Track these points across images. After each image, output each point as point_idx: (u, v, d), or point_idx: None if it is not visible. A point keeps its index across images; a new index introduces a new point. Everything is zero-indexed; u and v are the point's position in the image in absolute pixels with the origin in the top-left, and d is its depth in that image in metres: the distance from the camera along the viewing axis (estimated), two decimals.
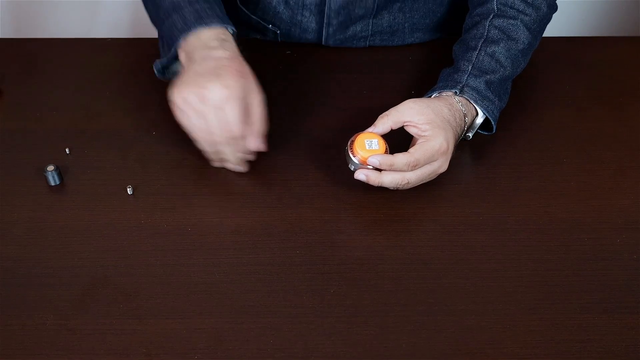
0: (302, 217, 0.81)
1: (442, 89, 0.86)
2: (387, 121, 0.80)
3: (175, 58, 0.86)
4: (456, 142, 0.83)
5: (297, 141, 0.90)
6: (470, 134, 0.88)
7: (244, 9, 1.07)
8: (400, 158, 0.78)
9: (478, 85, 0.85)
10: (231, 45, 0.82)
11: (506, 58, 0.88)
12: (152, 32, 0.94)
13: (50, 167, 0.83)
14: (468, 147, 0.89)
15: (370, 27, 1.03)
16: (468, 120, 0.85)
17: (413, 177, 0.79)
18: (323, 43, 1.04)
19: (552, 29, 0.99)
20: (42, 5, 1.66)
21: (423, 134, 0.79)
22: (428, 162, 0.79)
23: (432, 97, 0.86)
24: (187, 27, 0.83)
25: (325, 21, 1.01)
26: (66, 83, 0.99)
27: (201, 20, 0.83)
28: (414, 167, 0.78)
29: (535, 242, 0.78)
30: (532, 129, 0.92)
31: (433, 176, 0.81)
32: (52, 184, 0.84)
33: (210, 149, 0.83)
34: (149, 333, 0.70)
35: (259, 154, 0.85)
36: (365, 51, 1.05)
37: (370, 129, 0.81)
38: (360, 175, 0.79)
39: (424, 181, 0.81)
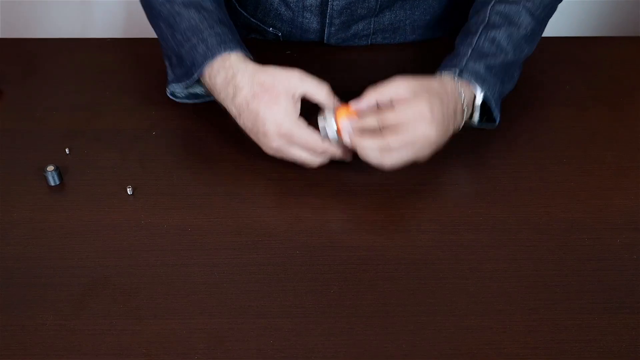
0: (302, 217, 0.81)
1: (441, 73, 0.85)
2: (372, 95, 0.79)
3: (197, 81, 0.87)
4: (448, 115, 0.81)
5: None
6: (476, 117, 0.86)
7: (243, 12, 1.07)
8: (369, 117, 0.78)
9: (478, 68, 0.85)
10: (241, 76, 0.82)
11: (508, 43, 0.87)
12: (151, 32, 0.94)
13: (50, 167, 0.83)
14: (468, 147, 0.89)
15: (372, 25, 1.03)
16: (465, 99, 0.83)
17: (394, 142, 0.77)
18: (325, 42, 1.04)
19: (552, 29, 1.00)
20: (42, 6, 1.66)
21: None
22: (400, 120, 0.77)
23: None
24: (212, 52, 0.83)
25: (327, 21, 1.01)
26: (66, 83, 0.99)
27: (226, 44, 0.83)
28: (383, 122, 0.77)
29: (535, 242, 0.78)
30: (532, 129, 0.92)
31: (418, 148, 0.79)
32: (52, 184, 0.84)
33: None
34: (149, 333, 0.70)
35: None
36: (366, 49, 1.05)
37: (353, 103, 0.80)
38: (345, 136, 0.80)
39: (409, 153, 0.79)
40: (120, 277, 0.75)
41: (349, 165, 0.86)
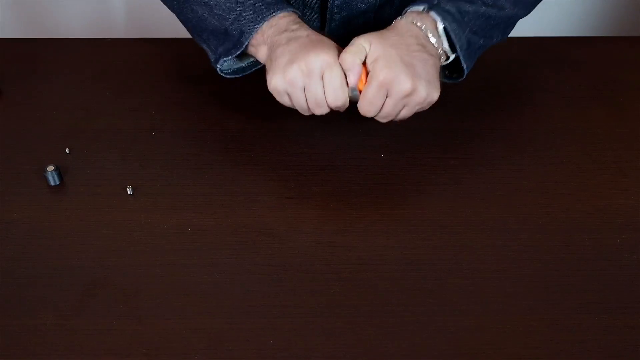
0: (302, 217, 0.81)
1: (406, 12, 0.85)
2: (356, 62, 0.80)
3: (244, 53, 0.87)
4: (412, 52, 0.81)
5: (296, 140, 0.90)
6: (445, 45, 0.85)
7: None
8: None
9: (449, 8, 0.84)
10: (307, 26, 0.84)
11: None
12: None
13: (50, 167, 0.83)
14: (468, 147, 0.89)
15: (372, 20, 1.03)
16: (427, 29, 0.83)
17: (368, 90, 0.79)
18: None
19: (553, 29, 1.00)
20: (42, 6, 1.66)
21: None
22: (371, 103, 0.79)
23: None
24: (261, 17, 0.83)
25: (327, 17, 1.01)
26: (66, 83, 0.99)
27: (274, 7, 0.84)
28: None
29: (535, 242, 0.78)
30: (532, 129, 0.92)
31: (397, 84, 0.79)
32: (52, 184, 0.84)
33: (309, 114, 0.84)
34: (149, 333, 0.70)
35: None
36: None
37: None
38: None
39: (400, 105, 0.80)
40: (120, 277, 0.75)
41: (348, 165, 0.86)
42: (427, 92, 0.80)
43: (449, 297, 0.73)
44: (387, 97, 0.80)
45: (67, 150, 0.88)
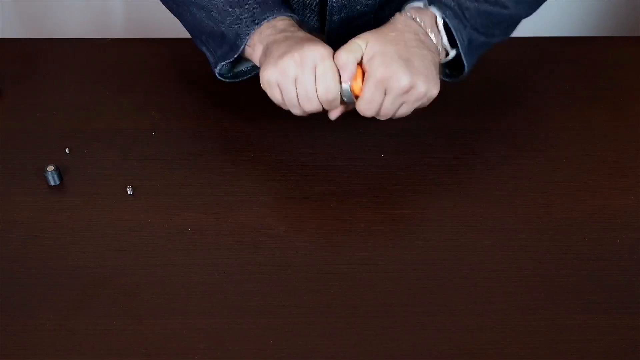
0: (302, 217, 0.81)
1: (405, 8, 0.85)
2: (351, 61, 0.80)
3: (240, 56, 0.87)
4: (410, 47, 0.80)
5: (296, 140, 0.90)
6: (445, 40, 0.84)
7: None
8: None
9: (450, 3, 0.84)
10: (305, 32, 0.83)
11: None
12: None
13: (50, 167, 0.83)
14: (468, 147, 0.89)
15: (372, 21, 1.02)
16: (425, 24, 0.83)
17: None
18: (325, 39, 1.04)
19: (552, 29, 0.99)
20: (42, 5, 1.66)
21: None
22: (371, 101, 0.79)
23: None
24: (257, 20, 0.83)
25: (327, 18, 1.01)
26: (66, 83, 0.99)
27: (271, 10, 0.83)
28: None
29: (535, 242, 0.78)
30: (532, 129, 0.92)
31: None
32: (52, 184, 0.84)
33: (301, 114, 0.84)
34: (149, 333, 0.70)
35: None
36: None
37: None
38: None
39: (398, 102, 0.80)
40: (120, 277, 0.75)
41: (349, 165, 0.86)
42: (426, 88, 0.79)
43: (449, 297, 0.73)
44: (385, 94, 0.80)
45: (67, 150, 0.88)
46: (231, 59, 0.86)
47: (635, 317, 0.71)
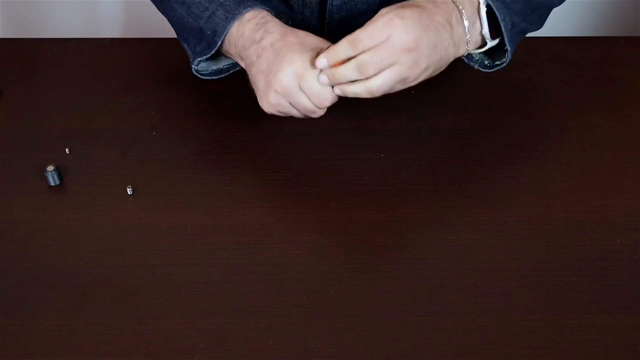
0: (302, 217, 0.81)
1: None
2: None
3: (218, 51, 0.87)
4: (435, 23, 0.78)
5: (296, 140, 0.90)
6: (485, 29, 0.81)
7: None
8: (340, 42, 0.77)
9: None
10: (273, 24, 0.83)
11: None
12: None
13: (50, 167, 0.83)
14: (468, 147, 0.89)
15: None
16: (465, 10, 0.79)
17: (367, 55, 0.76)
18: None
19: (552, 29, 0.99)
20: (42, 6, 1.66)
21: None
22: (371, 37, 0.76)
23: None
24: (232, 15, 0.83)
25: (327, 17, 1.01)
26: (66, 83, 0.99)
27: (245, 3, 0.83)
28: (355, 44, 0.76)
29: (535, 242, 0.78)
30: (532, 129, 0.92)
31: (398, 57, 0.76)
32: (52, 184, 0.84)
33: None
34: (149, 333, 0.70)
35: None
36: None
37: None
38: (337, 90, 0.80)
39: (389, 64, 0.76)
40: (120, 277, 0.75)
41: (349, 165, 0.86)
42: (427, 63, 0.77)
43: (449, 297, 0.73)
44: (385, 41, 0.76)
45: (67, 150, 0.88)
46: (208, 55, 0.86)
47: (635, 317, 0.71)
